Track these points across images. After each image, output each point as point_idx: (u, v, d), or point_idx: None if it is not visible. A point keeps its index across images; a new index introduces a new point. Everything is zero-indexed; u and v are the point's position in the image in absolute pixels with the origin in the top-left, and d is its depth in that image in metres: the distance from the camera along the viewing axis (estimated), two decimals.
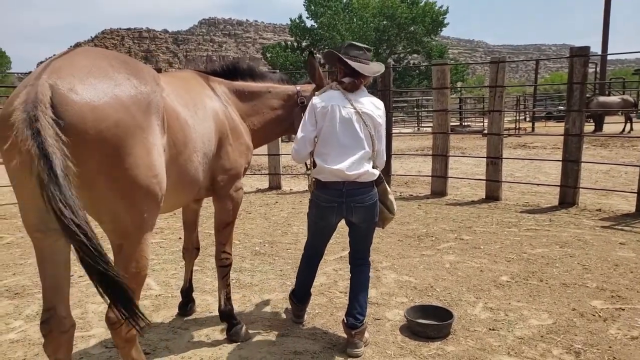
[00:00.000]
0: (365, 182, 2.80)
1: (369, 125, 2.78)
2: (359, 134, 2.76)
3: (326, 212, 2.87)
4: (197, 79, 2.93)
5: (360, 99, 2.82)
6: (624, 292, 3.77)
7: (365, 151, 2.78)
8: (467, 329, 3.20)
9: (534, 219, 6.10)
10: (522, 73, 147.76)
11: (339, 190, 2.78)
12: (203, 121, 2.59)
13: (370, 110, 2.80)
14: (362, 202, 2.81)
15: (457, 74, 32.87)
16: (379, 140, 2.84)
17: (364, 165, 2.77)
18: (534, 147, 14.29)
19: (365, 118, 2.77)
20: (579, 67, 6.65)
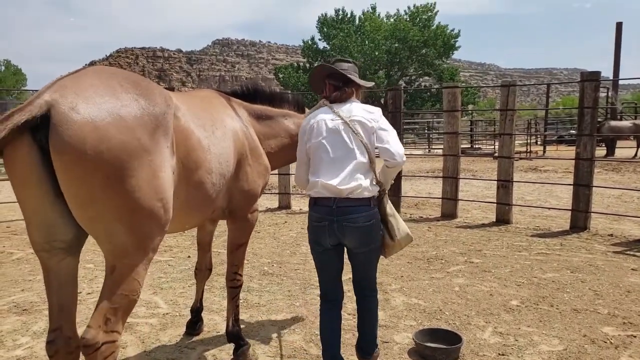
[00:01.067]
0: (359, 199, 2.48)
1: (360, 133, 2.51)
2: (348, 144, 2.51)
3: (318, 233, 2.57)
4: (218, 98, 2.93)
5: (349, 107, 2.59)
6: (636, 318, 3.70)
7: (358, 162, 2.49)
8: (476, 354, 3.16)
9: (544, 243, 6.03)
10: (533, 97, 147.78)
11: (329, 207, 2.49)
12: (221, 141, 2.57)
13: (360, 116, 2.54)
14: (355, 221, 2.47)
15: (468, 97, 32.99)
16: (379, 140, 2.54)
17: (358, 179, 2.47)
18: (545, 171, 14.19)
19: (355, 125, 2.51)
20: (589, 91, 6.66)
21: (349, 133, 2.52)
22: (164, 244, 6.04)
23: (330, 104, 2.64)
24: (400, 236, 2.63)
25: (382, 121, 2.59)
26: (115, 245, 1.91)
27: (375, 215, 2.55)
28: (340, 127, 2.53)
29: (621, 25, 23.70)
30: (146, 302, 4.17)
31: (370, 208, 2.52)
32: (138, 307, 4.06)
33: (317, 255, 2.67)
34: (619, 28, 23.50)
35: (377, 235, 2.57)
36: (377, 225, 2.56)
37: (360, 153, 2.50)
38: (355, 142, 2.51)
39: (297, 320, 3.75)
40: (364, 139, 2.51)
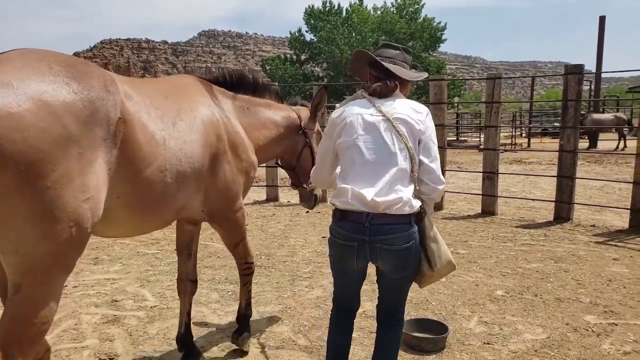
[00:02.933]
0: (398, 215, 2.03)
1: (405, 134, 2.07)
2: (389, 146, 2.07)
3: (344, 254, 2.15)
4: (196, 85, 2.63)
5: (392, 103, 2.16)
6: (617, 307, 3.79)
7: (400, 168, 2.05)
8: (462, 343, 3.21)
9: (529, 233, 6.13)
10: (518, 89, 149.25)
11: (361, 224, 2.05)
12: (185, 134, 2.28)
13: (406, 114, 2.11)
14: (391, 243, 2.04)
15: (454, 89, 33.17)
16: (426, 154, 2.12)
17: (398, 190, 2.04)
18: (530, 163, 14.39)
19: (399, 125, 2.08)
20: (573, 84, 6.75)
21: (392, 133, 2.08)
22: (151, 236, 6.00)
23: (369, 96, 2.21)
24: (441, 264, 2.15)
25: (431, 128, 2.16)
26: (23, 257, 1.58)
27: (415, 236, 2.10)
28: (381, 125, 2.10)
29: (604, 19, 23.99)
30: (134, 295, 4.15)
31: (410, 227, 2.07)
32: (125, 300, 4.05)
33: (339, 272, 2.27)
34: (602, 22, 23.78)
35: (415, 259, 2.14)
36: (416, 247, 2.12)
37: (403, 158, 2.06)
38: (398, 145, 2.07)
39: (285, 312, 3.77)
40: (409, 142, 2.07)
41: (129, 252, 5.46)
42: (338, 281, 2.33)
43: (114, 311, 3.83)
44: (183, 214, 2.54)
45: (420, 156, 2.11)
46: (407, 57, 2.30)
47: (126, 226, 2.21)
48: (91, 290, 4.32)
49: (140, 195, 2.08)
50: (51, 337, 3.35)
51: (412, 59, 2.32)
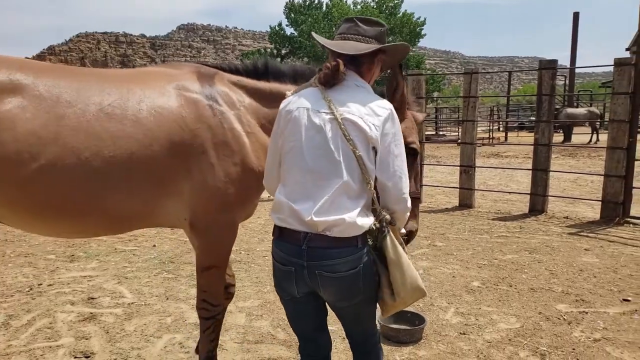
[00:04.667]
0: (340, 239, 1.67)
1: (354, 140, 1.67)
2: (333, 154, 1.67)
3: (282, 278, 1.81)
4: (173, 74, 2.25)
5: (347, 98, 1.73)
6: (588, 296, 3.91)
7: (345, 182, 1.66)
8: (439, 334, 3.27)
9: (505, 226, 6.26)
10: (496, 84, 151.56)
11: (298, 245, 1.70)
12: (118, 129, 1.98)
13: (359, 115, 1.69)
14: (333, 270, 1.68)
15: (433, 84, 33.48)
16: (382, 169, 1.71)
17: (341, 209, 1.66)
18: (507, 157, 14.65)
19: (348, 127, 1.67)
20: (547, 79, 6.90)
21: (338, 137, 1.68)
22: (129, 233, 5.92)
23: (322, 85, 1.77)
24: (406, 292, 1.75)
25: (392, 135, 1.72)
26: None
27: (363, 259, 1.71)
28: (328, 126, 1.69)
29: (578, 15, 24.50)
30: (110, 292, 4.09)
31: (356, 250, 1.70)
32: (102, 298, 3.99)
33: (286, 303, 1.90)
34: (575, 18, 24.28)
35: (368, 285, 1.75)
36: (367, 271, 1.74)
37: (349, 169, 1.67)
38: (344, 152, 1.67)
39: (264, 306, 3.77)
40: (358, 149, 1.67)
41: (106, 249, 5.38)
42: (291, 322, 1.95)
43: (90, 309, 3.77)
44: (156, 220, 2.23)
45: (376, 172, 1.71)
46: (365, 30, 1.80)
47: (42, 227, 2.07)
48: (67, 288, 4.25)
49: (25, 195, 1.92)
50: (25, 337, 3.29)
51: None
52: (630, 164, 6.33)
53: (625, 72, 6.30)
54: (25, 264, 4.95)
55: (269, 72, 2.41)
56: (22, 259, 5.09)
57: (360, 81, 1.80)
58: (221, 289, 2.38)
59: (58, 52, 78.97)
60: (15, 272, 4.68)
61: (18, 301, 3.94)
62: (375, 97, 1.77)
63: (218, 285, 2.35)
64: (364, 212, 1.71)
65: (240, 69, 2.40)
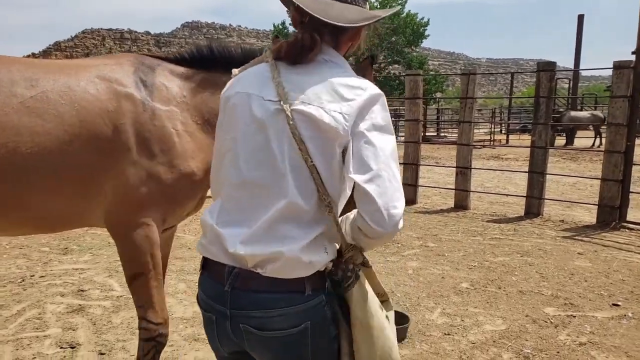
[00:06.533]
0: (280, 281, 1.18)
1: (309, 143, 1.16)
2: (277, 162, 1.18)
3: (206, 328, 1.32)
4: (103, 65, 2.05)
5: (305, 80, 1.21)
6: (577, 299, 3.91)
7: (291, 202, 1.17)
8: (423, 334, 3.28)
9: (499, 228, 6.26)
10: (500, 86, 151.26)
11: (221, 284, 1.23)
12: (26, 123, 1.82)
13: (320, 104, 1.16)
14: (263, 326, 1.19)
15: (436, 85, 33.44)
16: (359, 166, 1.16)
17: (282, 239, 1.17)
18: (507, 159, 14.62)
19: (299, 123, 1.16)
20: (545, 81, 6.88)
21: (284, 138, 1.18)
22: None
23: (276, 60, 1.26)
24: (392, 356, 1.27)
25: (372, 121, 1.19)
26: None
27: (314, 314, 1.21)
28: (271, 121, 1.19)
29: (582, 17, 24.45)
30: (100, 285, 4.12)
31: (302, 299, 1.19)
32: (92, 290, 4.02)
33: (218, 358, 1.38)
34: (580, 20, 24.24)
35: (318, 353, 1.24)
36: (318, 333, 1.22)
37: (297, 186, 1.17)
38: (291, 161, 1.18)
39: None
40: (312, 157, 1.16)
41: (99, 243, 5.40)
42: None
43: (79, 300, 3.80)
44: (87, 221, 2.10)
45: (351, 173, 1.15)
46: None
47: None
48: (58, 279, 4.28)
49: None
50: (13, 326, 3.33)
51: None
52: (627, 168, 6.31)
53: (624, 75, 6.28)
54: (20, 255, 4.98)
55: (216, 58, 2.15)
56: (16, 251, 5.12)
57: (332, 54, 1.27)
58: (159, 302, 2.12)
59: (64, 48, 79.19)
60: (9, 264, 4.72)
61: (10, 292, 3.97)
62: (349, 74, 1.25)
63: (151, 296, 2.07)
64: (317, 245, 1.20)
65: (188, 58, 2.18)
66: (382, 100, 1.22)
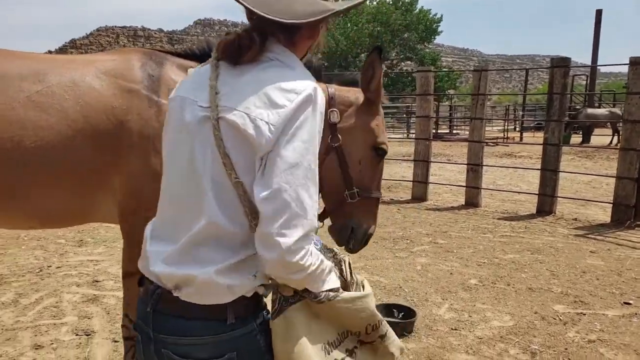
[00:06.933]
0: (199, 306, 1.08)
1: (234, 156, 1.05)
2: (201, 177, 1.08)
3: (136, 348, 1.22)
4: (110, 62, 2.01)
5: (242, 82, 1.09)
6: (587, 297, 3.89)
7: (209, 224, 1.07)
8: (430, 328, 3.30)
9: (510, 225, 6.23)
10: (515, 83, 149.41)
11: (146, 304, 1.16)
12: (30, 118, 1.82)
13: (247, 110, 1.04)
14: (183, 353, 1.09)
15: (449, 82, 33.18)
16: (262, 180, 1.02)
17: (198, 261, 1.08)
18: (520, 157, 14.49)
19: (227, 134, 1.05)
20: (559, 77, 6.81)
21: (208, 150, 1.07)
22: None
23: (220, 60, 1.14)
24: None
25: (296, 130, 1.03)
26: None
27: (238, 345, 1.09)
28: (197, 129, 1.10)
29: (601, 12, 24.03)
30: (114, 276, 4.22)
31: (224, 327, 1.08)
32: (106, 281, 4.12)
33: None
34: (598, 15, 23.82)
35: None
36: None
37: (219, 204, 1.07)
38: (213, 176, 1.07)
39: None
40: (236, 173, 1.05)
41: (113, 235, 5.51)
42: None
43: (94, 291, 3.90)
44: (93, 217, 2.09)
45: (255, 185, 1.03)
46: None
47: None
48: (74, 270, 4.39)
49: None
50: (32, 314, 3.45)
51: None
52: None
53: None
54: (37, 247, 5.13)
55: None
56: (34, 242, 5.26)
57: (281, 52, 1.13)
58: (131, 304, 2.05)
59: (79, 46, 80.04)
60: (28, 255, 4.86)
61: (28, 281, 4.10)
62: (292, 74, 1.09)
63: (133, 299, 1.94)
64: (242, 269, 1.07)
65: (198, 53, 2.08)
66: (315, 106, 1.07)
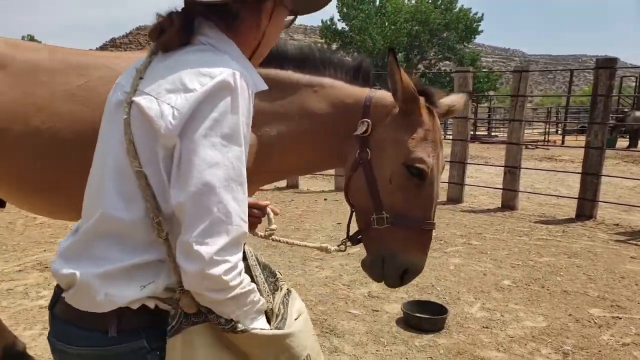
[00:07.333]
0: (82, 313, 0.97)
1: (139, 142, 0.96)
2: (105, 160, 1.02)
3: None
4: None
5: (163, 67, 1.00)
6: (625, 302, 3.81)
7: (104, 215, 0.97)
8: (461, 325, 3.33)
9: (547, 229, 6.11)
10: (559, 84, 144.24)
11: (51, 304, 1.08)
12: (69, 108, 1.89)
13: (157, 94, 0.95)
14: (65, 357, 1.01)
15: (489, 83, 32.51)
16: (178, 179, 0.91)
17: (94, 257, 0.97)
18: (561, 160, 14.06)
19: (136, 119, 0.96)
20: (604, 79, 6.61)
21: (116, 135, 1.00)
22: None
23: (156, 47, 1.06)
24: None
25: (211, 119, 0.91)
26: None
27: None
28: (113, 115, 1.04)
29: None
30: None
31: (105, 340, 0.96)
32: None
33: None
34: None
35: None
36: None
37: (119, 193, 0.97)
38: (115, 163, 0.99)
39: (294, 288, 3.96)
40: (139, 161, 0.95)
41: None
42: None
43: None
44: None
45: (170, 186, 0.93)
46: None
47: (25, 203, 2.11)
48: None
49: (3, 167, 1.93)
50: None
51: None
52: None
53: None
54: None
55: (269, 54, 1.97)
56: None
57: (215, 37, 1.03)
58: None
59: (119, 45, 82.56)
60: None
61: None
62: (217, 59, 0.97)
63: None
64: (134, 276, 0.95)
65: None
66: (235, 95, 0.92)
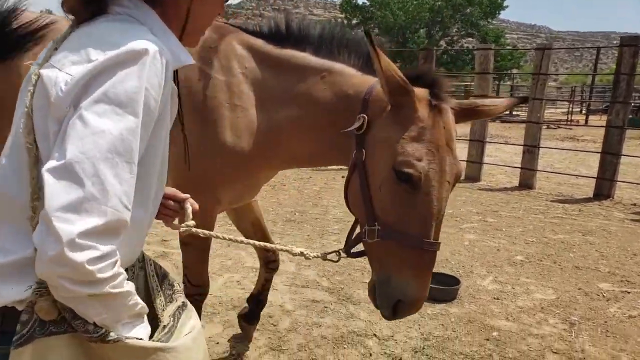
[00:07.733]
0: None
1: (37, 115, 0.88)
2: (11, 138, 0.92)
3: None
4: None
5: (75, 39, 0.94)
6: (635, 277, 3.89)
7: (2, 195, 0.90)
8: (473, 297, 3.47)
9: (563, 208, 6.15)
10: (586, 62, 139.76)
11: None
12: None
13: (61, 65, 0.88)
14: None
15: (512, 61, 31.77)
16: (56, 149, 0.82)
17: None
18: (584, 140, 13.86)
19: (38, 92, 0.88)
20: (627, 57, 6.53)
21: (20, 109, 0.93)
22: None
23: None
24: None
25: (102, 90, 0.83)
26: None
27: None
28: (22, 90, 0.96)
29: None
30: None
31: None
32: (174, 240, 4.57)
33: None
34: None
35: None
36: None
37: (13, 170, 0.90)
38: (14, 137, 0.92)
39: (312, 260, 4.14)
40: (34, 136, 0.89)
41: None
42: None
43: (163, 248, 4.36)
44: None
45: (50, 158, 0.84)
46: None
47: None
48: None
49: None
50: None
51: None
52: None
53: None
54: None
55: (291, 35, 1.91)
56: None
57: (133, 7, 0.98)
58: (202, 271, 2.23)
59: None
60: None
61: None
62: (130, 29, 0.92)
63: (197, 264, 2.21)
64: (23, 272, 0.87)
65: (266, 31, 1.96)
66: (143, 67, 0.86)
